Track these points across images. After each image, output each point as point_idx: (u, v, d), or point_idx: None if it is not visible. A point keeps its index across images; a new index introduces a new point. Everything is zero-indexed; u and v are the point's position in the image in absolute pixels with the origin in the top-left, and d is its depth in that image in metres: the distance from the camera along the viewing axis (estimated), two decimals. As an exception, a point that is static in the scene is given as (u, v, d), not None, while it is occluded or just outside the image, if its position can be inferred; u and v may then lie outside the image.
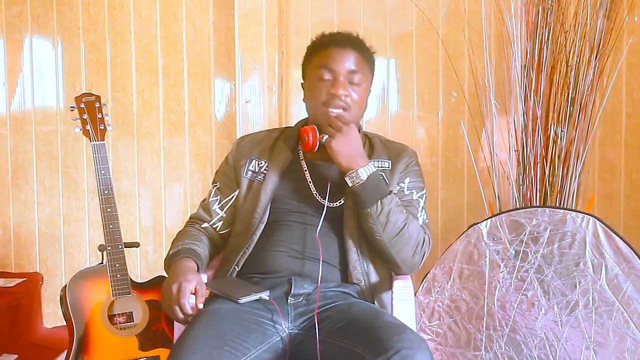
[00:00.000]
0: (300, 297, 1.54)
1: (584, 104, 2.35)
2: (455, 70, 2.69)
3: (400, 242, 1.56)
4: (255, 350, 1.39)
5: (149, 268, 2.97)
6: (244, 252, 1.62)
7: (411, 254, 1.59)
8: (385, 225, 1.54)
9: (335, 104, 1.61)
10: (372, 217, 1.53)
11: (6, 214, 3.02)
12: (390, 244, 1.56)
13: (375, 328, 1.36)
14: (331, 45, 1.66)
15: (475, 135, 2.68)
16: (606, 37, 2.34)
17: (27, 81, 3.01)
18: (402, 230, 1.55)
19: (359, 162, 1.54)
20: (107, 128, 2.11)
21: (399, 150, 1.73)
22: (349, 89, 1.62)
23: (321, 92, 1.62)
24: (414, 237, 1.58)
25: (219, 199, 1.72)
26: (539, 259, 2.11)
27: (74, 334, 2.02)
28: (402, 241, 1.56)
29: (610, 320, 2.01)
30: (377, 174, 1.56)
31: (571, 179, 2.37)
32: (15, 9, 2.97)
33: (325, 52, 1.66)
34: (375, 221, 1.53)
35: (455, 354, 2.17)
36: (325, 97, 1.62)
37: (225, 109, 2.92)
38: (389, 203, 1.54)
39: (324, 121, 1.61)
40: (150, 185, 2.97)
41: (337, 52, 1.64)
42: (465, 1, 2.73)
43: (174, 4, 2.90)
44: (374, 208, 1.52)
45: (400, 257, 1.58)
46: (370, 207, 1.53)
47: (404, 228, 1.55)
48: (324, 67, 1.63)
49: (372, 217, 1.53)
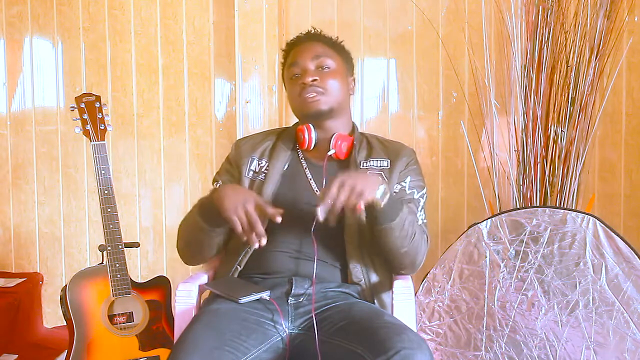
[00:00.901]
0: (300, 297, 1.54)
1: (584, 104, 2.35)
2: (455, 70, 2.69)
3: (411, 247, 1.56)
4: (255, 350, 1.39)
5: (149, 268, 2.97)
6: (247, 252, 1.62)
7: (419, 257, 1.60)
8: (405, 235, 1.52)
9: (308, 90, 1.65)
10: (395, 229, 1.49)
11: (6, 214, 3.02)
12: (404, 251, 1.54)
13: (376, 328, 1.35)
14: (293, 47, 1.76)
15: (475, 135, 2.68)
16: (606, 37, 2.34)
17: (27, 81, 3.01)
18: (414, 236, 1.55)
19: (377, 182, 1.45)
20: (107, 128, 2.11)
21: (398, 149, 1.73)
22: (318, 74, 1.66)
23: (295, 88, 1.68)
24: (418, 239, 1.58)
25: None
26: (539, 259, 2.11)
27: (74, 334, 2.02)
28: (413, 246, 1.56)
29: (610, 320, 2.01)
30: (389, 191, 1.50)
31: (571, 179, 2.37)
32: (15, 9, 2.97)
33: (291, 54, 1.74)
34: (396, 233, 1.50)
35: (455, 354, 2.17)
36: (299, 90, 1.67)
37: (225, 109, 2.93)
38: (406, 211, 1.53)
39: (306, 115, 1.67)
40: (150, 185, 2.98)
41: (299, 49, 1.72)
42: (465, 1, 2.73)
43: (174, 4, 2.90)
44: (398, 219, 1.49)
45: (409, 260, 1.58)
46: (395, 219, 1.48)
47: (415, 234, 1.56)
48: (292, 65, 1.71)
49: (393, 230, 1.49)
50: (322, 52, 1.70)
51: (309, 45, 1.72)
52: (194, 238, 1.62)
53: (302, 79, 1.66)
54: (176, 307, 1.64)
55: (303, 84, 1.65)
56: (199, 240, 1.61)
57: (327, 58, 1.69)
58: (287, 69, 1.73)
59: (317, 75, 1.66)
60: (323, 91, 1.65)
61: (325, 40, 1.75)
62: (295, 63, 1.69)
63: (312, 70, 1.67)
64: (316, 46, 1.71)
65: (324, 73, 1.67)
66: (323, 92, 1.65)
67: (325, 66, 1.68)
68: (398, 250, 1.54)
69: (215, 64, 2.90)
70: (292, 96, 1.71)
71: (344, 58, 1.77)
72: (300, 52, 1.71)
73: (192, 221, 1.59)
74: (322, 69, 1.68)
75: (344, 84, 1.72)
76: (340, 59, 1.74)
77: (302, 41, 1.75)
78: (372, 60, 2.85)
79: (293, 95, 1.70)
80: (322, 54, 1.69)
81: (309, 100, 1.65)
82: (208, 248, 1.63)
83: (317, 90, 1.65)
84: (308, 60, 1.68)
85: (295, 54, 1.72)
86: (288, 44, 1.79)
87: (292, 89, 1.70)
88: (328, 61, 1.69)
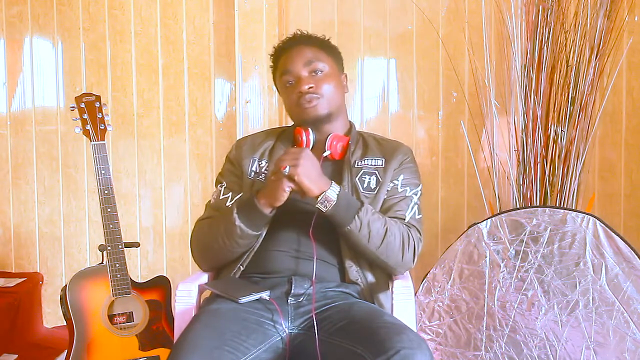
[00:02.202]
0: (300, 297, 1.54)
1: (584, 104, 2.35)
2: (455, 70, 2.69)
3: (387, 248, 1.56)
4: (255, 350, 1.39)
5: (149, 268, 2.97)
6: (249, 252, 1.62)
7: (400, 255, 1.58)
8: (369, 236, 1.53)
9: (305, 99, 1.66)
10: (354, 233, 1.52)
11: (6, 214, 3.02)
12: (379, 252, 1.56)
13: (375, 328, 1.35)
14: (282, 52, 1.75)
15: (475, 135, 2.68)
16: (606, 37, 2.34)
17: (27, 81, 3.01)
18: (386, 235, 1.55)
19: (323, 185, 1.51)
20: (107, 128, 2.11)
21: (393, 147, 1.73)
22: (312, 80, 1.67)
23: (292, 96, 1.69)
24: (398, 238, 1.57)
25: (230, 196, 1.70)
26: (539, 258, 2.11)
27: (74, 334, 2.02)
28: (389, 246, 1.56)
29: (610, 320, 2.01)
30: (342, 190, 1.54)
31: (571, 178, 2.37)
32: (15, 9, 2.97)
33: (281, 61, 1.74)
34: (359, 236, 1.53)
35: (455, 353, 2.17)
36: (296, 98, 1.67)
37: (225, 109, 2.93)
38: (366, 214, 1.53)
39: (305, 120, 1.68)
40: (150, 185, 2.98)
41: (289, 55, 1.72)
42: (465, 1, 2.73)
43: (174, 4, 2.90)
44: (353, 224, 1.52)
45: (392, 261, 1.58)
46: (349, 224, 1.52)
47: (387, 233, 1.55)
48: (284, 73, 1.71)
49: (353, 233, 1.53)
50: (313, 57, 1.69)
51: (299, 50, 1.71)
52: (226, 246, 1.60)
53: (297, 88, 1.66)
54: (176, 307, 1.64)
55: (299, 92, 1.66)
56: (234, 249, 1.60)
57: (319, 62, 1.69)
58: (280, 76, 1.73)
59: (311, 81, 1.66)
60: (319, 96, 1.66)
61: (314, 42, 1.75)
62: (287, 71, 1.69)
63: (305, 77, 1.67)
64: (306, 51, 1.71)
65: (318, 78, 1.67)
66: (319, 97, 1.66)
67: (318, 70, 1.68)
68: (370, 250, 1.55)
69: (215, 64, 2.91)
70: (289, 104, 1.72)
71: (335, 57, 1.77)
72: (291, 59, 1.70)
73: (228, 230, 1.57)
74: (316, 73, 1.68)
75: (339, 84, 1.73)
76: (331, 59, 1.74)
77: (291, 46, 1.74)
78: (372, 60, 2.85)
79: (290, 103, 1.71)
80: (313, 58, 1.69)
81: (307, 107, 1.66)
82: (239, 252, 1.62)
83: (314, 97, 1.65)
84: (300, 67, 1.68)
85: (286, 60, 1.71)
86: (276, 48, 1.78)
87: (288, 97, 1.71)
88: (320, 64, 1.69)
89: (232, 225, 1.55)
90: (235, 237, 1.56)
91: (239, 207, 1.57)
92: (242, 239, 1.56)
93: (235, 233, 1.55)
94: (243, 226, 1.54)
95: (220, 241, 1.59)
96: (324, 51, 1.74)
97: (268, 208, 1.53)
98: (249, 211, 1.54)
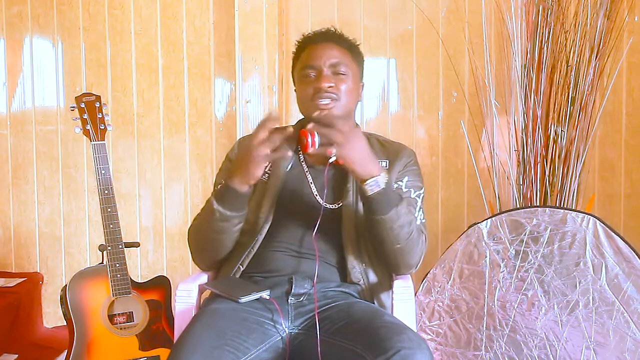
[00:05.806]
0: (300, 297, 1.54)
1: (584, 104, 2.36)
2: (455, 70, 2.69)
3: (407, 246, 1.55)
4: (255, 350, 1.39)
5: (149, 268, 2.97)
6: (249, 252, 1.62)
7: (416, 257, 1.59)
8: (398, 231, 1.51)
9: (322, 96, 1.62)
10: (387, 223, 1.50)
11: (6, 214, 3.02)
12: (398, 248, 1.54)
13: (375, 328, 1.35)
14: (309, 44, 1.70)
15: (476, 135, 2.68)
16: (606, 37, 2.35)
17: (27, 81, 3.01)
18: (411, 236, 1.54)
19: (375, 169, 1.48)
20: (107, 128, 2.11)
21: (397, 149, 1.72)
22: (334, 79, 1.63)
23: (308, 90, 1.64)
24: (417, 240, 1.57)
25: None
26: (539, 258, 2.11)
27: (74, 334, 2.03)
28: (408, 244, 1.55)
29: (610, 320, 2.01)
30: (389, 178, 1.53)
31: (571, 178, 2.37)
32: (15, 9, 2.97)
33: (306, 53, 1.70)
34: (389, 227, 1.50)
35: (455, 353, 2.17)
36: (313, 92, 1.63)
37: (225, 109, 2.93)
38: (402, 209, 1.52)
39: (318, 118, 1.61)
40: (150, 185, 2.98)
41: (315, 49, 1.68)
42: (465, 1, 2.73)
43: (174, 4, 2.90)
44: (389, 215, 1.49)
45: (406, 260, 1.58)
46: (386, 214, 1.49)
47: (412, 234, 1.55)
48: (307, 67, 1.66)
49: (386, 223, 1.50)
50: (339, 58, 1.66)
51: (327, 47, 1.67)
52: (212, 236, 1.59)
53: (317, 83, 1.62)
54: (176, 306, 1.64)
55: (318, 87, 1.62)
56: (219, 236, 1.59)
57: (344, 64, 1.66)
58: (301, 68, 1.68)
59: (333, 80, 1.63)
60: (337, 97, 1.63)
61: (344, 43, 1.71)
62: (310, 65, 1.65)
63: (328, 76, 1.63)
64: (334, 50, 1.67)
65: (339, 79, 1.64)
66: (337, 98, 1.63)
67: (341, 72, 1.65)
68: (391, 245, 1.53)
69: (215, 63, 2.91)
70: (303, 97, 1.67)
71: (359, 64, 1.73)
72: (317, 54, 1.66)
73: (209, 218, 1.57)
74: (338, 74, 1.64)
75: (356, 90, 1.70)
76: (356, 65, 1.71)
77: (320, 40, 1.70)
78: (372, 60, 2.85)
79: (304, 97, 1.66)
80: (339, 59, 1.65)
81: (322, 107, 1.62)
82: (228, 242, 1.61)
83: (332, 97, 1.62)
84: (325, 65, 1.64)
85: (311, 53, 1.67)
86: (304, 38, 1.73)
87: (304, 89, 1.66)
88: (344, 67, 1.65)
89: (212, 211, 1.54)
90: (217, 221, 1.55)
91: (216, 192, 1.57)
92: (222, 222, 1.55)
93: (215, 217, 1.54)
94: (221, 208, 1.53)
95: (205, 229, 1.59)
96: (352, 54, 1.70)
97: (244, 186, 1.51)
98: (224, 192, 1.53)
